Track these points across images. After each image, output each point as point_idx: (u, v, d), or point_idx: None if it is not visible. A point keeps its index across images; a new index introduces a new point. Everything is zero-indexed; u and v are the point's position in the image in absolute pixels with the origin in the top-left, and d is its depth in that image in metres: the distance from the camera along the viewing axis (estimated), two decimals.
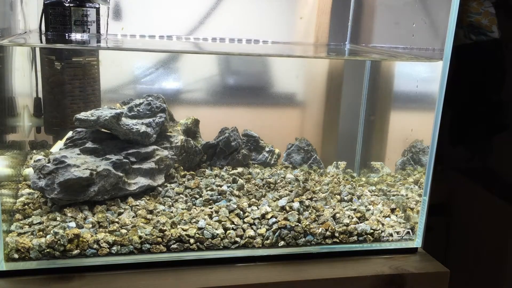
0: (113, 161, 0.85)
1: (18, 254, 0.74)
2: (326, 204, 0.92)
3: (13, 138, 0.92)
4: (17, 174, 0.91)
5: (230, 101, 1.21)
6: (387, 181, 1.05)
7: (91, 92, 1.03)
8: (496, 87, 1.38)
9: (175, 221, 0.81)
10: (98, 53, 1.04)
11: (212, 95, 1.19)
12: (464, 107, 1.37)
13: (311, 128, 1.29)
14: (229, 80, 1.20)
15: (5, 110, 0.85)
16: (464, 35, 1.33)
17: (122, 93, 1.03)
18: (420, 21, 0.94)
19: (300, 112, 1.28)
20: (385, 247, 0.89)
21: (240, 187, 0.94)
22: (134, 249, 0.78)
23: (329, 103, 1.28)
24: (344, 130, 1.25)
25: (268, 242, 0.83)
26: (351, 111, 1.22)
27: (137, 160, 0.89)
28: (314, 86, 1.28)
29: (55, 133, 1.04)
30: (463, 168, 1.43)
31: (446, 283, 0.85)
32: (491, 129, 1.40)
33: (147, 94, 0.97)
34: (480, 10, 1.31)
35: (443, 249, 1.41)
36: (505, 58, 1.35)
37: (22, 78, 0.99)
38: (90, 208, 0.82)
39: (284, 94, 1.24)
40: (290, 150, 1.14)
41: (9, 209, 0.78)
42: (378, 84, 1.16)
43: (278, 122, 1.25)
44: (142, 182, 0.88)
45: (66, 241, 0.74)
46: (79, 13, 0.92)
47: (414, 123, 1.00)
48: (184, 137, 1.00)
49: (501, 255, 1.33)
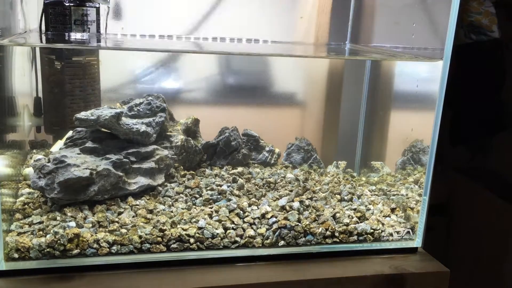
0: (113, 161, 0.85)
1: (18, 254, 0.74)
2: (326, 204, 0.92)
3: (13, 138, 0.92)
4: (17, 174, 0.91)
5: (230, 101, 1.21)
6: (387, 181, 1.05)
7: (91, 91, 1.03)
8: (496, 87, 1.38)
9: (175, 220, 0.81)
10: (98, 52, 1.04)
11: (212, 94, 1.19)
12: (464, 107, 1.37)
13: (311, 127, 1.29)
14: (229, 80, 1.20)
15: (5, 110, 0.85)
16: (464, 34, 1.33)
17: (122, 92, 1.03)
18: (420, 20, 0.94)
19: (300, 111, 1.28)
20: (385, 246, 0.89)
21: (240, 186, 0.94)
22: (134, 248, 0.78)
23: (329, 102, 1.28)
24: (344, 130, 1.25)
25: (268, 241, 0.83)
26: (351, 110, 1.22)
27: (137, 160, 0.89)
28: (314, 85, 1.28)
29: (55, 133, 1.04)
30: (463, 168, 1.43)
31: (446, 283, 0.85)
32: (491, 129, 1.41)
33: (147, 94, 0.97)
34: (481, 10, 1.31)
35: (443, 249, 1.41)
36: (505, 58, 1.35)
37: (22, 78, 0.99)
38: (90, 207, 0.82)
39: (284, 93, 1.24)
40: (290, 150, 1.14)
41: (9, 208, 0.78)
42: (379, 83, 1.16)
43: (278, 122, 1.25)
44: (142, 182, 0.88)
45: (66, 240, 0.74)
46: (79, 13, 0.92)
47: (414, 122, 1.00)
48: (184, 136, 1.00)
49: (501, 255, 1.33)
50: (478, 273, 1.38)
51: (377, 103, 1.17)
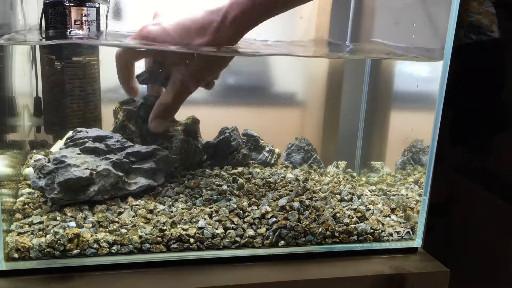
0: (113, 161, 0.85)
1: (18, 254, 0.74)
2: (326, 204, 0.92)
3: (13, 138, 0.92)
4: (17, 174, 0.91)
5: (230, 101, 1.21)
6: (387, 181, 1.05)
7: (91, 91, 1.03)
8: (496, 87, 1.38)
9: (175, 220, 0.81)
10: (98, 52, 1.04)
11: (212, 95, 1.19)
12: (464, 107, 1.38)
13: (311, 127, 1.29)
14: (229, 80, 1.20)
15: (5, 110, 0.85)
16: (464, 34, 1.33)
17: (122, 92, 1.03)
18: (420, 20, 0.94)
19: (300, 111, 1.28)
20: (385, 246, 0.89)
21: (240, 186, 0.94)
22: (134, 248, 0.78)
23: (329, 102, 1.28)
24: (344, 130, 1.25)
25: (268, 241, 0.83)
26: (351, 110, 1.22)
27: (137, 160, 0.89)
28: (314, 85, 1.28)
29: (55, 133, 1.04)
30: (463, 168, 1.43)
31: (446, 283, 0.85)
32: (491, 129, 1.41)
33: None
34: (481, 10, 1.31)
35: (443, 249, 1.41)
36: (505, 58, 1.35)
37: (22, 78, 0.99)
38: (90, 207, 0.82)
39: (284, 93, 1.24)
40: (290, 150, 1.14)
41: (9, 208, 0.78)
42: (379, 83, 1.16)
43: (278, 122, 1.25)
44: (142, 182, 0.88)
45: (66, 240, 0.74)
46: (79, 13, 0.92)
47: (414, 122, 1.00)
48: (184, 136, 1.00)
49: (501, 255, 1.33)
50: (478, 273, 1.38)
51: (377, 103, 1.17)
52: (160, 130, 0.94)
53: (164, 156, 0.92)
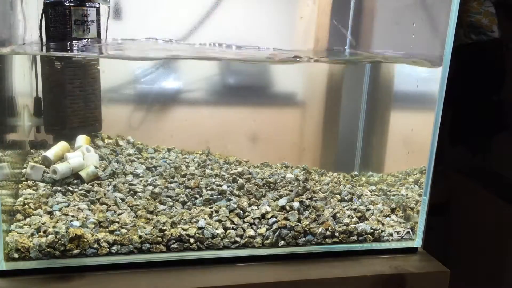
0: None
1: (18, 254, 0.74)
2: (326, 204, 0.92)
3: (13, 138, 0.92)
4: (17, 174, 0.91)
5: (230, 101, 1.21)
6: (387, 181, 1.05)
7: (91, 91, 1.03)
8: (496, 87, 1.38)
9: (175, 220, 0.81)
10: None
11: (212, 95, 1.19)
12: (464, 107, 1.38)
13: (311, 127, 1.29)
14: (230, 81, 1.20)
15: (5, 110, 0.85)
16: (464, 34, 1.33)
17: (122, 92, 1.03)
18: (420, 21, 0.94)
19: (300, 111, 1.28)
20: (385, 247, 0.89)
21: (240, 186, 0.94)
22: (134, 248, 0.78)
23: (329, 102, 1.28)
24: (344, 130, 1.25)
25: (268, 241, 0.83)
26: (351, 110, 1.21)
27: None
28: (314, 86, 1.28)
29: (55, 133, 1.04)
30: (463, 168, 1.43)
31: (446, 283, 0.85)
32: (491, 129, 1.41)
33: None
34: (481, 10, 1.31)
35: (443, 249, 1.41)
36: (505, 58, 1.35)
37: (22, 78, 0.99)
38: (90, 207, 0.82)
39: (284, 94, 1.24)
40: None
41: (9, 209, 0.78)
42: (379, 84, 1.16)
43: (278, 122, 1.25)
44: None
45: (66, 240, 0.74)
46: (79, 13, 0.92)
47: (414, 123, 1.00)
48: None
49: (501, 255, 1.33)
50: (478, 273, 1.38)
51: (377, 103, 1.17)
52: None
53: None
